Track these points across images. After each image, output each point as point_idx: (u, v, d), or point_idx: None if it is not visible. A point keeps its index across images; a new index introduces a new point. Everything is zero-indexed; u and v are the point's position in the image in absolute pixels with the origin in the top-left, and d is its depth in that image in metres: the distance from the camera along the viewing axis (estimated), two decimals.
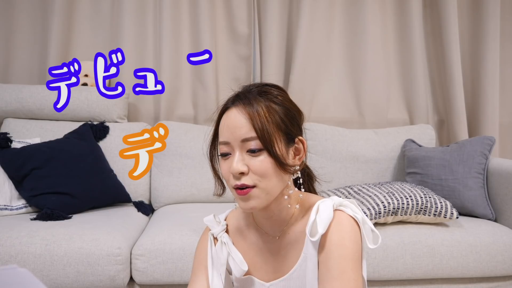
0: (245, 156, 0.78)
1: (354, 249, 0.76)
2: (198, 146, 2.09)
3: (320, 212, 0.78)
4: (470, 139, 1.99)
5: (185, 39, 2.37)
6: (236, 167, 0.77)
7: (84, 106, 2.09)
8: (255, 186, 0.78)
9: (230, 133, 0.80)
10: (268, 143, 0.77)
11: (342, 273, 0.74)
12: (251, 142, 0.78)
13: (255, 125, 0.77)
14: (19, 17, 2.34)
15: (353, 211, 0.80)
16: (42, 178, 1.73)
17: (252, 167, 0.78)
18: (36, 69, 2.36)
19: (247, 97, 0.81)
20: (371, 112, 2.48)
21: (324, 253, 0.77)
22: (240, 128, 0.78)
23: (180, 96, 2.39)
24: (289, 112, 0.82)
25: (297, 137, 0.83)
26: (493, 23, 2.44)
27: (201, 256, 0.93)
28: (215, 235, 0.92)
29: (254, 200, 0.78)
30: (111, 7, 2.38)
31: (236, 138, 0.79)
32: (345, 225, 0.77)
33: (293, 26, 2.45)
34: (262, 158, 0.78)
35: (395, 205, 1.60)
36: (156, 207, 2.08)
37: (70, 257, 1.40)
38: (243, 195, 0.78)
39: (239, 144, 0.79)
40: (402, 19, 2.49)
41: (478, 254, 1.61)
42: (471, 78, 2.55)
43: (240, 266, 0.86)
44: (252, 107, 0.79)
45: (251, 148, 0.78)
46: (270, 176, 0.78)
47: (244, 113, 0.79)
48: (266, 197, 0.79)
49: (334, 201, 0.80)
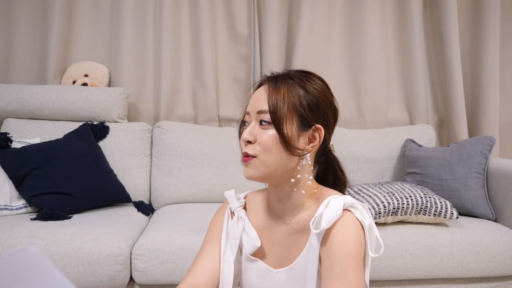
0: (257, 128, 0.84)
1: (358, 250, 0.77)
2: (198, 146, 2.09)
3: (329, 207, 0.79)
4: (470, 139, 1.99)
5: (185, 39, 2.37)
6: (244, 136, 0.83)
7: (84, 106, 2.09)
8: (255, 156, 0.82)
9: (252, 104, 0.86)
10: (277, 119, 0.81)
11: (345, 273, 0.75)
12: (264, 114, 0.82)
13: (270, 99, 0.82)
14: (19, 17, 2.34)
15: (362, 215, 0.80)
16: (42, 178, 1.73)
17: (259, 138, 0.82)
18: (36, 69, 2.36)
19: (277, 77, 0.86)
20: (371, 112, 2.48)
21: (327, 250, 0.78)
22: (259, 100, 0.84)
23: (180, 96, 2.39)
24: (315, 101, 0.84)
25: (315, 125, 0.84)
26: (493, 23, 2.44)
27: (216, 227, 0.96)
28: (232, 209, 0.95)
29: (252, 169, 0.83)
30: (111, 7, 2.38)
31: (254, 109, 0.84)
32: (350, 226, 0.78)
33: (293, 26, 2.45)
34: (270, 132, 0.82)
35: (395, 205, 1.60)
36: (156, 207, 2.08)
37: (70, 257, 1.40)
38: (244, 162, 0.84)
39: (255, 115, 0.84)
40: (402, 19, 2.49)
41: (478, 254, 1.61)
42: (471, 78, 2.55)
43: (253, 242, 0.89)
44: (275, 86, 0.84)
45: (263, 119, 0.82)
46: (271, 151, 0.81)
47: (267, 89, 0.84)
48: (265, 170, 0.82)
49: (346, 200, 0.80)
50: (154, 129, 2.16)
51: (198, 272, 0.90)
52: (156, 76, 2.39)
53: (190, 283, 0.89)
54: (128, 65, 2.33)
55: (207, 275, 0.90)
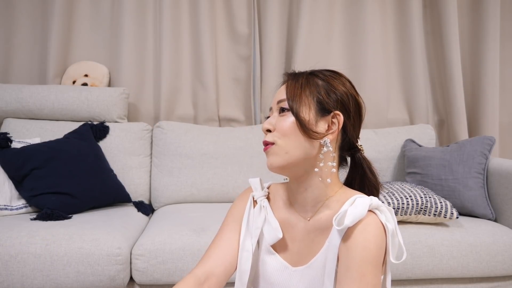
0: (277, 117, 0.86)
1: (377, 254, 0.75)
2: (198, 146, 2.09)
3: (354, 205, 0.77)
4: (470, 139, 1.99)
5: (185, 39, 2.37)
6: (264, 125, 0.86)
7: (84, 106, 2.09)
8: (274, 143, 0.83)
9: (274, 98, 0.89)
10: (293, 104, 0.83)
11: (362, 276, 0.73)
12: (283, 102, 0.85)
13: (287, 88, 0.85)
14: (19, 17, 2.34)
15: (386, 219, 0.78)
16: (42, 178, 1.73)
17: (278, 125, 0.84)
18: (36, 69, 2.36)
19: (299, 74, 0.88)
20: (371, 112, 2.48)
21: (346, 250, 0.76)
22: (279, 93, 0.88)
23: (180, 96, 2.39)
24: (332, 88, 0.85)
25: (333, 111, 0.83)
26: (493, 23, 2.44)
27: (236, 214, 0.94)
28: (255, 198, 0.94)
29: (273, 157, 0.83)
30: (111, 7, 2.38)
31: (275, 101, 0.87)
32: (373, 228, 0.76)
33: (293, 26, 2.45)
34: (288, 118, 0.83)
35: (395, 205, 1.60)
36: (156, 207, 2.08)
37: (70, 257, 1.40)
38: (265, 151, 0.85)
39: (276, 106, 0.87)
40: (402, 19, 2.49)
41: (478, 254, 1.61)
42: (471, 78, 2.55)
43: (275, 233, 0.87)
44: (294, 77, 0.87)
45: (282, 107, 0.85)
46: (289, 135, 0.82)
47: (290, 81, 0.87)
48: (285, 156, 0.82)
49: (372, 201, 0.78)
50: (154, 129, 2.16)
51: (215, 260, 0.88)
52: (156, 76, 2.39)
53: (206, 270, 0.87)
54: (128, 65, 2.33)
55: (224, 263, 0.88)
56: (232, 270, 0.89)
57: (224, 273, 0.88)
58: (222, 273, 0.88)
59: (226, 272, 0.88)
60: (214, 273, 0.87)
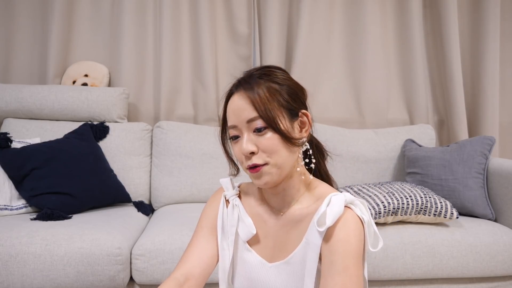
0: (252, 137, 0.83)
1: (358, 246, 0.78)
2: (198, 146, 2.09)
3: (331, 205, 0.79)
4: (470, 139, 1.99)
5: (185, 39, 2.37)
6: (246, 148, 0.82)
7: (84, 106, 2.09)
8: (266, 163, 0.82)
9: (236, 116, 0.84)
10: (271, 121, 0.81)
11: (346, 268, 0.75)
12: (256, 121, 0.82)
13: (256, 105, 0.81)
14: (19, 17, 2.34)
15: (361, 212, 0.81)
16: (42, 178, 1.73)
17: (261, 145, 0.82)
18: (36, 69, 2.36)
19: (247, 81, 0.85)
20: (371, 112, 2.48)
21: (329, 247, 0.78)
22: (243, 111, 0.83)
23: (180, 96, 2.39)
24: (291, 90, 0.86)
25: (300, 111, 0.86)
26: (493, 23, 2.44)
27: (210, 215, 0.96)
28: (227, 197, 0.95)
29: (267, 176, 0.82)
30: (111, 7, 2.38)
31: (242, 121, 0.83)
32: (351, 223, 0.79)
33: (293, 26, 2.45)
34: (268, 135, 0.82)
35: (395, 205, 1.60)
36: (156, 207, 2.08)
37: (70, 257, 1.40)
38: (256, 172, 0.82)
39: (245, 126, 0.83)
40: (402, 19, 2.50)
41: (478, 254, 1.61)
42: (471, 78, 2.55)
43: (249, 229, 0.89)
44: (252, 91, 0.83)
45: (257, 127, 0.82)
46: (279, 151, 0.82)
47: (245, 97, 0.83)
48: (278, 171, 0.83)
49: (346, 197, 0.81)
50: (154, 129, 2.16)
51: (193, 261, 0.91)
52: (156, 76, 2.39)
53: (184, 272, 0.89)
54: (128, 65, 2.33)
55: (201, 264, 0.91)
56: (210, 270, 0.92)
57: (202, 273, 0.90)
58: (200, 274, 0.90)
59: (204, 272, 0.91)
60: (193, 274, 0.89)
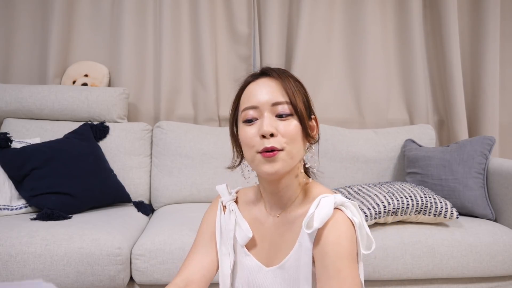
0: (273, 120, 0.81)
1: (350, 248, 0.77)
2: (198, 146, 2.09)
3: (320, 206, 0.79)
4: (470, 139, 1.99)
5: (185, 39, 2.37)
6: (267, 128, 0.79)
7: (84, 106, 2.09)
8: (282, 149, 0.80)
9: (260, 97, 0.82)
10: (298, 110, 0.81)
11: (339, 271, 0.75)
12: (283, 106, 0.81)
13: (288, 91, 0.81)
14: (19, 17, 2.34)
15: (352, 214, 0.80)
16: (42, 178, 1.73)
17: (282, 130, 0.80)
18: (36, 69, 2.36)
19: (277, 70, 0.85)
20: (371, 112, 2.48)
21: (320, 250, 0.78)
22: (272, 93, 0.81)
23: (180, 96, 2.39)
24: (307, 94, 0.88)
25: (313, 115, 0.88)
26: (493, 23, 2.44)
27: (209, 222, 0.96)
28: (224, 203, 0.96)
29: (280, 163, 0.80)
30: (111, 7, 2.38)
31: (266, 101, 0.81)
32: (341, 225, 0.78)
33: (293, 26, 2.45)
34: (293, 123, 0.81)
35: (395, 205, 1.60)
36: (156, 207, 2.08)
37: (70, 257, 1.40)
38: (271, 157, 0.79)
39: (268, 108, 0.81)
40: (402, 19, 2.50)
41: (478, 254, 1.61)
42: (471, 78, 2.55)
43: (245, 233, 0.89)
44: (284, 79, 0.83)
45: (281, 113, 0.81)
46: (297, 140, 0.81)
47: (277, 82, 0.83)
48: (290, 162, 0.81)
49: (336, 199, 0.80)
50: (154, 129, 2.16)
51: (193, 267, 0.91)
52: (156, 76, 2.39)
53: (185, 278, 0.89)
54: (128, 65, 2.33)
55: (201, 270, 0.91)
56: (210, 276, 0.92)
57: (202, 279, 0.91)
58: (201, 280, 0.91)
59: (204, 278, 0.91)
60: (193, 280, 0.90)
